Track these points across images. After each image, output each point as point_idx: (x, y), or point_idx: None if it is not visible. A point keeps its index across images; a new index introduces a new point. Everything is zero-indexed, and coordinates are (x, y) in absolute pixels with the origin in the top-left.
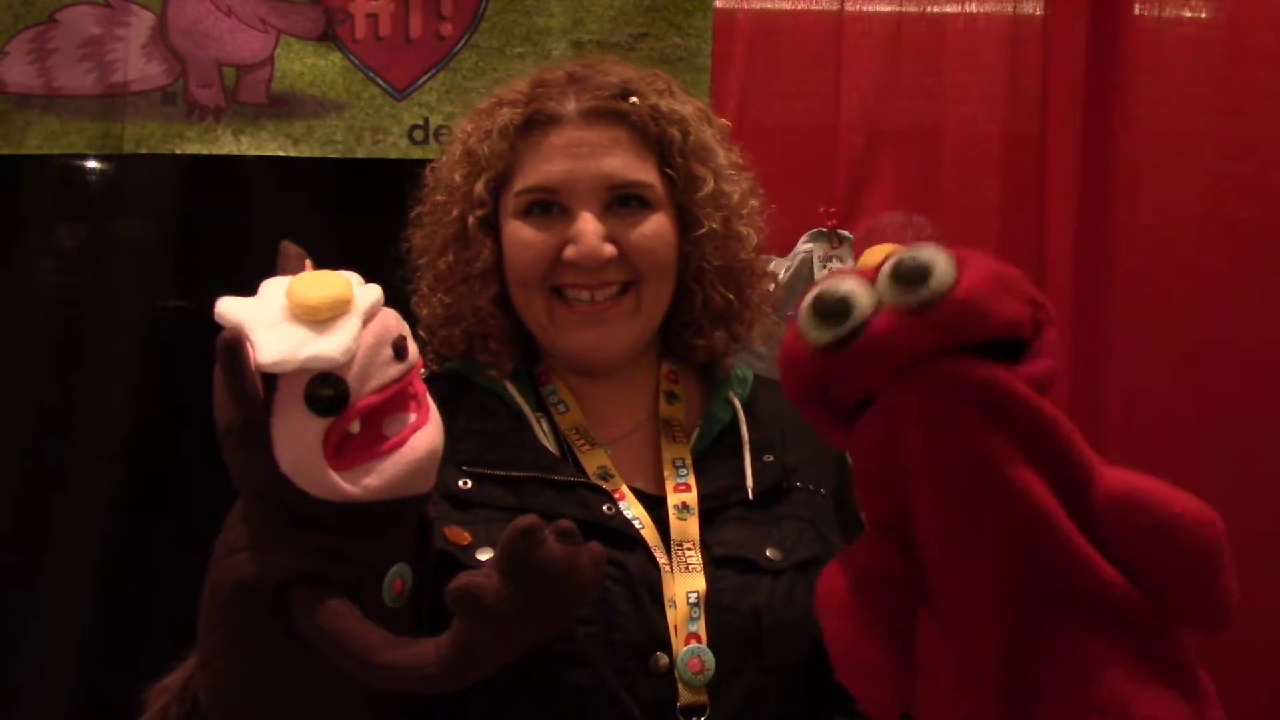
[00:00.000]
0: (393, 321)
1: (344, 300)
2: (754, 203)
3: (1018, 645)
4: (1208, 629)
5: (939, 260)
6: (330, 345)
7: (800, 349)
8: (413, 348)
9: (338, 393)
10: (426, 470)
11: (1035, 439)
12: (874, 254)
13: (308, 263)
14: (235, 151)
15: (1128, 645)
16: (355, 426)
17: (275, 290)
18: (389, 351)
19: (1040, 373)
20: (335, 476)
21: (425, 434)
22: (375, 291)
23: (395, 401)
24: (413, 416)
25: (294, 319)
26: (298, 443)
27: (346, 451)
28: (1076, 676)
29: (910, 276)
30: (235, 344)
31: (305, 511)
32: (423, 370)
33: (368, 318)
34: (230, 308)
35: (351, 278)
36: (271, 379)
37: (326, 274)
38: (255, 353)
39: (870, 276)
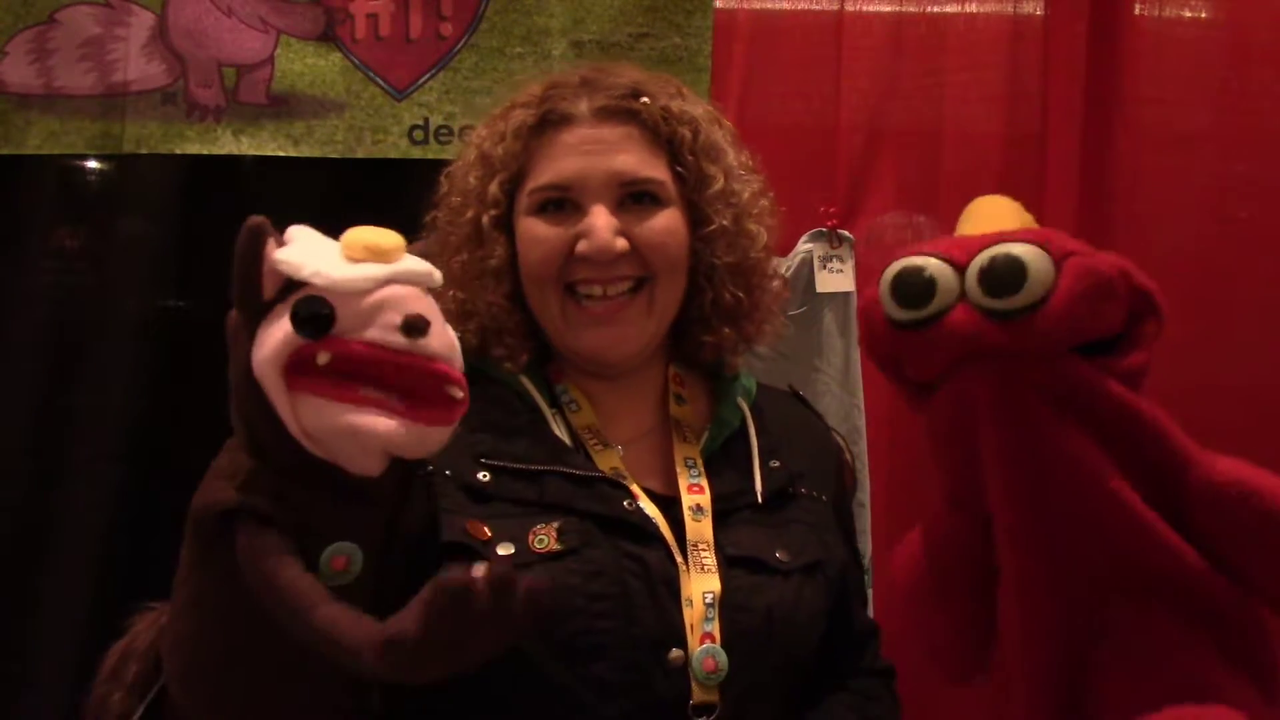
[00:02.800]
0: (416, 302)
1: (384, 249)
2: (764, 202)
3: (1084, 628)
4: None
5: (1035, 268)
6: (338, 271)
7: (878, 317)
8: (437, 344)
9: (321, 315)
10: (367, 450)
11: (1115, 432)
12: (975, 220)
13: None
14: (235, 151)
15: (1205, 633)
16: (324, 357)
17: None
18: (398, 318)
19: (1131, 366)
20: (284, 391)
21: (391, 422)
22: (422, 266)
23: (397, 382)
24: (398, 406)
25: (345, 255)
26: (269, 343)
27: (307, 374)
28: (1148, 658)
29: (1001, 285)
30: (258, 231)
31: (265, 443)
32: (459, 394)
33: (399, 279)
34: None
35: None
36: (285, 291)
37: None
38: (276, 252)
39: (960, 260)
